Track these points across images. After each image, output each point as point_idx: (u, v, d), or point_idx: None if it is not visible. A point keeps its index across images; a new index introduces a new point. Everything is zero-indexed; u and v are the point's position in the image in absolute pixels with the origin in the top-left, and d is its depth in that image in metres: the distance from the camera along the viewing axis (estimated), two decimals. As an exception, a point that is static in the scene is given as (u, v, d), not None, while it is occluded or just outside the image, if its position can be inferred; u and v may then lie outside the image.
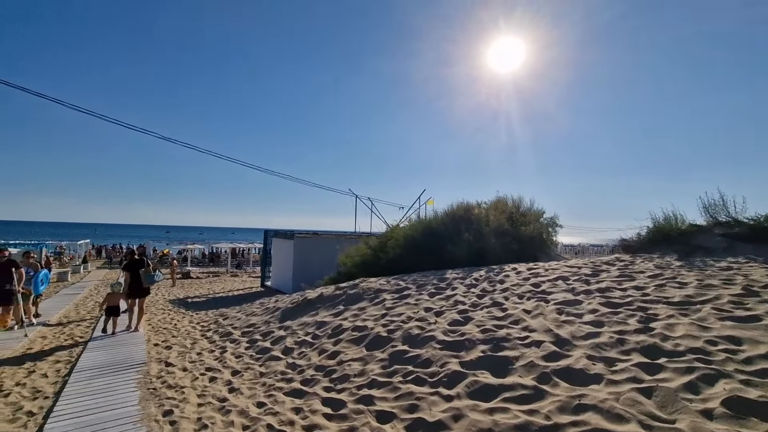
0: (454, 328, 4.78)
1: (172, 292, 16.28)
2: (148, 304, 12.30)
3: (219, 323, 8.07)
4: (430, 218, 10.28)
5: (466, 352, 4.17)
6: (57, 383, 4.75)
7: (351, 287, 7.39)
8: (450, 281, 6.84)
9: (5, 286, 7.34)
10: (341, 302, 6.82)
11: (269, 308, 8.01)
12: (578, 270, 6.55)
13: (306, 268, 15.82)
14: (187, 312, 10.83)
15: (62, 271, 22.12)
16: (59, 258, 31.85)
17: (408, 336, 4.79)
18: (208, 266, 32.99)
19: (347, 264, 11.59)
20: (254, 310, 8.48)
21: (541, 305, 5.04)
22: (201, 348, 6.22)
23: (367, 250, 10.31)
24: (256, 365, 5.01)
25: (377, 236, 12.46)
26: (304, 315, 6.75)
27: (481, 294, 5.91)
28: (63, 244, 36.80)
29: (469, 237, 9.05)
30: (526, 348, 3.98)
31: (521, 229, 9.54)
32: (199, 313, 10.36)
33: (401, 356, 4.35)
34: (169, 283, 19.40)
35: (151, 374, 4.91)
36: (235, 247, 33.67)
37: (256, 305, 9.25)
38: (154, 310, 11.22)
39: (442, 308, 5.56)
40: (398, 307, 5.95)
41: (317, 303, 7.12)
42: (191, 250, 34.23)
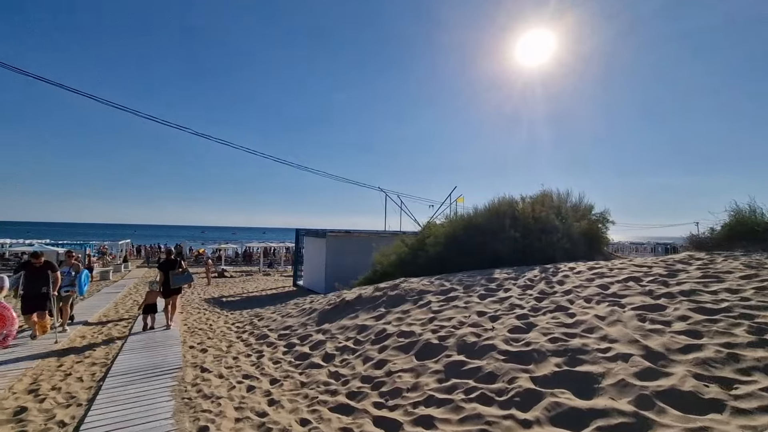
0: (517, 336, 4.22)
1: (207, 291, 16.41)
2: (184, 303, 12.36)
3: (254, 324, 7.81)
4: (471, 214, 9.65)
5: (536, 365, 3.60)
6: (91, 389, 4.56)
7: (391, 288, 6.92)
8: (500, 282, 6.24)
9: (42, 289, 7.03)
10: (382, 304, 6.36)
11: (305, 309, 7.67)
12: (649, 270, 5.79)
13: (339, 267, 15.52)
14: (222, 311, 10.72)
15: (104, 270, 22.96)
16: (102, 257, 33.30)
17: (463, 344, 4.26)
18: (241, 265, 33.55)
19: (383, 263, 11.15)
20: (289, 311, 8.17)
21: (617, 310, 4.38)
22: (237, 352, 5.93)
23: (405, 249, 9.82)
24: (296, 373, 4.62)
25: (414, 234, 11.97)
26: (342, 318, 6.34)
27: (540, 296, 5.29)
28: (106, 244, 38.52)
29: (514, 234, 8.39)
30: (610, 362, 3.37)
31: (573, 225, 8.76)
32: (234, 313, 10.20)
33: (459, 368, 3.83)
34: (204, 282, 19.65)
35: (186, 381, 4.63)
36: (266, 246, 34.04)
37: (290, 306, 8.96)
38: (189, 310, 11.19)
39: (497, 312, 4.99)
40: (446, 311, 5.42)
41: (356, 305, 6.69)
42: (225, 250, 34.92)
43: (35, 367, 5.39)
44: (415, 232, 19.10)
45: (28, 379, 4.92)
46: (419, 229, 19.17)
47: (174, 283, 8.46)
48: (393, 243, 15.93)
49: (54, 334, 7.11)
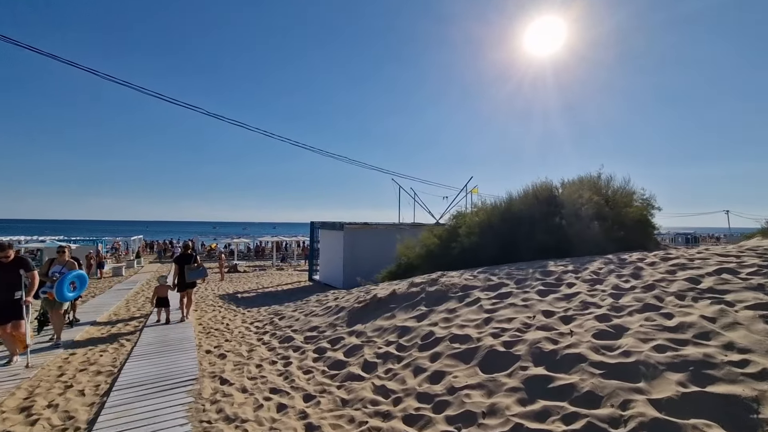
0: (606, 342, 3.41)
1: (221, 286, 15.85)
2: (198, 300, 11.77)
3: (275, 324, 7.12)
4: (509, 200, 8.80)
5: (649, 384, 2.80)
6: (93, 406, 3.89)
7: (429, 283, 6.14)
8: (559, 275, 5.42)
9: (14, 294, 5.26)
10: (421, 302, 5.59)
11: (330, 308, 6.94)
12: (739, 260, 4.92)
13: (357, 260, 14.81)
14: (238, 309, 10.08)
15: (117, 266, 22.64)
16: (115, 254, 33.17)
17: (539, 352, 3.47)
18: (254, 260, 33.12)
19: (408, 256, 10.38)
20: (313, 308, 7.45)
21: (728, 310, 3.54)
22: (260, 358, 5.23)
23: (434, 240, 9.02)
24: (333, 386, 3.89)
25: (438, 226, 11.16)
26: (377, 317, 5.58)
27: (617, 293, 4.46)
28: (118, 240, 38.44)
29: (561, 221, 7.53)
30: (759, 382, 2.55)
31: (625, 212, 7.87)
32: (251, 311, 9.55)
33: (543, 385, 3.05)
34: (218, 277, 19.13)
35: (203, 396, 3.94)
36: (279, 240, 33.52)
37: (313, 303, 8.25)
38: (204, 307, 10.59)
39: (567, 312, 4.19)
40: (502, 310, 4.63)
41: (390, 302, 5.93)
42: (237, 245, 34.53)
43: (33, 377, 4.75)
44: (431, 224, 18.32)
45: (23, 392, 4.28)
46: (434, 221, 18.31)
47: (189, 278, 8.49)
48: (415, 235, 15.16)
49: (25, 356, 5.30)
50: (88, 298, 12.35)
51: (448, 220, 10.60)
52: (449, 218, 10.72)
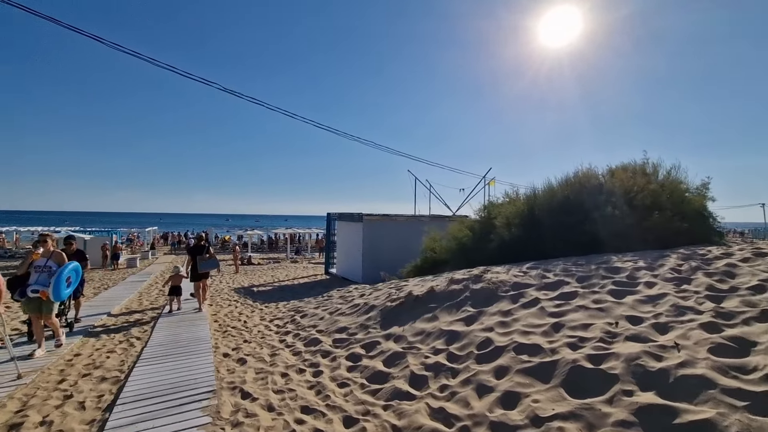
0: (733, 361, 2.66)
1: (236, 279, 15.38)
2: (213, 293, 11.28)
3: (297, 323, 6.51)
4: (548, 189, 7.99)
5: (825, 425, 2.05)
6: (93, 424, 3.29)
7: (473, 280, 5.43)
8: (630, 273, 4.65)
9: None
10: (466, 301, 4.89)
11: (358, 306, 6.28)
12: None
13: (377, 254, 14.15)
14: (255, 304, 9.52)
15: (132, 258, 22.43)
16: (130, 245, 33.16)
17: (642, 372, 2.75)
18: (268, 252, 32.79)
19: (435, 249, 9.67)
20: (337, 306, 6.82)
21: None
22: (285, 364, 4.60)
23: (466, 232, 8.28)
24: (378, 406, 3.22)
25: (461, 217, 10.41)
26: (415, 319, 4.90)
27: (715, 295, 3.69)
28: (134, 231, 38.50)
29: (614, 212, 6.72)
30: None
31: (686, 201, 7.01)
32: (269, 306, 8.98)
33: (664, 419, 2.32)
34: (232, 270, 18.70)
35: (222, 416, 3.30)
36: (293, 233, 33.07)
37: (336, 299, 7.61)
38: (219, 301, 10.06)
39: (659, 318, 3.44)
40: (570, 313, 3.90)
41: (430, 301, 5.25)
42: (250, 237, 34.23)
43: (29, 384, 4.21)
44: (457, 216, 17.52)
45: (16, 403, 3.72)
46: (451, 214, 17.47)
47: (201, 269, 8.51)
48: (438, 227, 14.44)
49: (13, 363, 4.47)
50: (100, 290, 11.96)
51: (477, 212, 9.81)
52: (478, 210, 9.93)
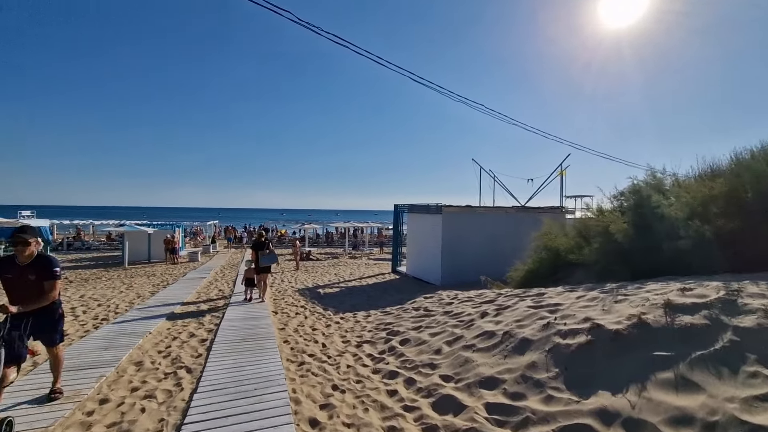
0: None
1: (298, 277, 13.97)
2: (276, 295, 9.82)
3: (399, 354, 4.60)
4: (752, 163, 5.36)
5: None
6: None
7: (721, 306, 3.13)
8: None
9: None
10: (745, 353, 2.63)
11: (496, 337, 4.19)
12: None
13: (458, 251, 12.00)
14: (326, 312, 7.81)
15: (193, 251, 22.13)
16: (194, 238, 33.72)
17: None
18: (324, 247, 31.79)
19: (559, 248, 7.35)
20: (453, 331, 4.79)
21: None
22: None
23: (621, 227, 5.86)
24: None
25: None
26: (631, 379, 2.73)
27: None
28: (197, 225, 39.43)
29: None
30: None
31: None
32: (345, 317, 7.21)
33: None
34: (293, 266, 17.46)
35: None
36: (352, 226, 31.71)
37: (441, 317, 5.60)
38: (284, 306, 8.50)
39: None
40: None
41: (646, 343, 3.03)
42: (306, 231, 33.45)
43: None
44: (539, 208, 14.88)
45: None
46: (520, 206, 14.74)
47: (261, 263, 8.98)
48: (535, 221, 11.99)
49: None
50: (159, 289, 10.98)
51: (614, 198, 7.33)
52: (613, 195, 7.43)
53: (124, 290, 10.86)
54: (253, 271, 9.06)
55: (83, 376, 4.15)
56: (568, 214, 14.06)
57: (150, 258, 20.42)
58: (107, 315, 7.47)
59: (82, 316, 7.45)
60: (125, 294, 10.13)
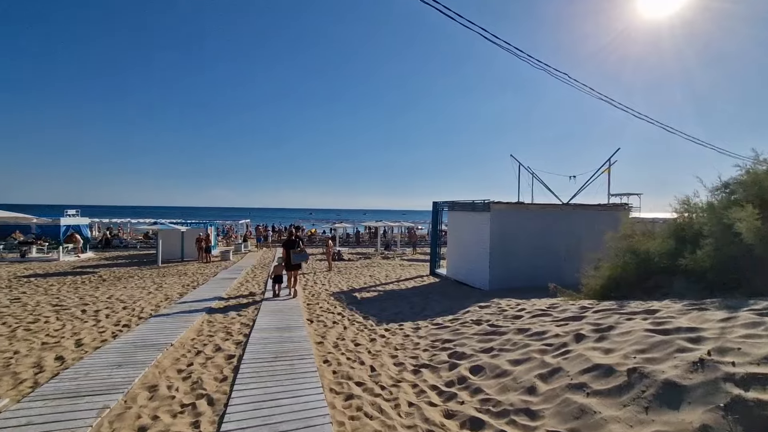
0: None
1: (332, 279, 13.13)
2: (310, 300, 8.99)
3: (475, 389, 3.56)
4: None
5: None
6: None
7: None
8: None
9: None
10: None
11: (620, 375, 3.07)
12: None
13: (508, 253, 10.77)
14: (368, 323, 6.86)
15: (225, 250, 21.87)
16: (227, 237, 33.85)
17: None
18: (355, 246, 31.05)
19: (648, 251, 6.06)
20: (550, 361, 3.69)
21: None
22: None
23: (755, 224, 4.54)
24: None
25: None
26: None
27: None
28: (229, 224, 39.72)
29: None
30: None
31: None
32: (391, 329, 6.23)
33: None
34: (325, 267, 16.70)
35: None
36: (384, 226, 30.76)
37: (514, 334, 4.49)
38: (319, 313, 7.63)
39: None
40: None
41: None
42: (336, 230, 32.84)
43: None
44: (598, 205, 13.32)
45: None
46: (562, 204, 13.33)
47: (293, 261, 9.34)
48: (591, 218, 10.68)
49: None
50: (188, 290, 10.41)
51: (717, 190, 5.98)
52: (716, 187, 6.06)
53: (153, 291, 10.35)
54: (281, 268, 9.40)
55: (83, 407, 3.35)
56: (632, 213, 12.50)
57: (183, 256, 20.26)
58: (129, 321, 6.82)
59: (103, 321, 6.83)
60: (153, 295, 9.58)
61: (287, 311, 7.63)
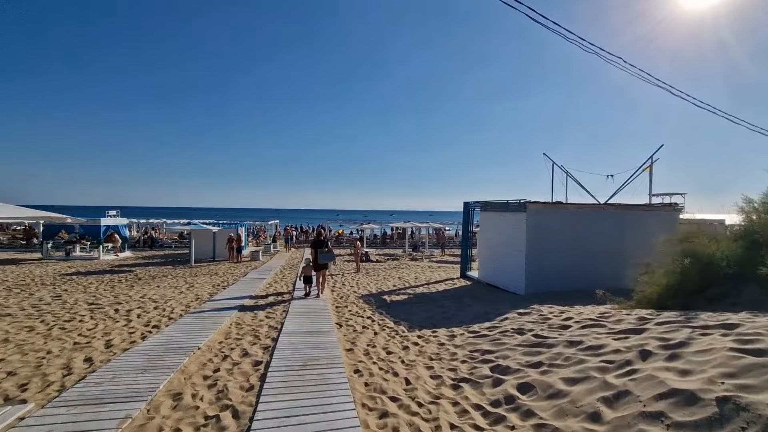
0: None
1: (360, 281, 12.88)
2: (339, 301, 8.76)
3: (522, 408, 3.15)
4: None
5: None
6: None
7: None
8: None
9: None
10: None
11: (707, 404, 2.60)
12: None
13: (545, 256, 10.17)
14: (399, 328, 6.52)
15: (255, 251, 22.12)
16: (256, 238, 34.41)
17: None
18: (382, 247, 30.79)
19: (713, 256, 5.43)
20: (614, 381, 3.23)
21: None
22: None
23: None
24: None
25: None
26: None
27: None
28: (259, 225, 40.42)
29: None
30: None
31: None
32: (424, 335, 5.87)
33: None
34: (353, 268, 16.51)
35: None
36: (412, 226, 30.34)
37: (565, 348, 4.03)
38: (348, 316, 7.38)
39: None
40: None
41: None
42: (364, 231, 32.69)
43: None
44: (639, 205, 12.41)
45: None
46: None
47: (320, 260, 9.59)
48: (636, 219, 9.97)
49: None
50: (218, 290, 10.43)
51: None
52: None
53: (184, 290, 10.44)
54: (310, 268, 9.64)
55: (105, 415, 3.20)
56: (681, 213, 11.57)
57: (215, 256, 20.63)
58: (159, 321, 6.79)
59: (134, 321, 6.84)
60: (184, 295, 9.64)
61: (315, 314, 7.42)
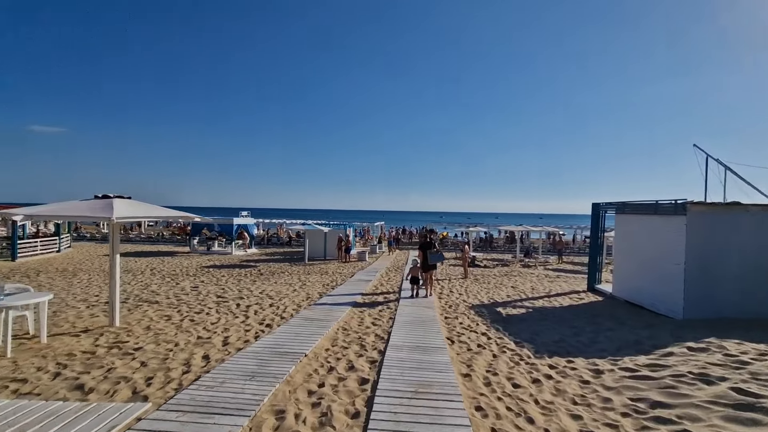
0: None
1: (469, 289, 11.92)
2: (448, 311, 8.00)
3: None
4: None
5: None
6: None
7: None
8: None
9: None
10: None
11: None
12: None
13: (714, 271, 7.94)
14: (521, 350, 5.52)
15: (362, 251, 22.68)
16: (363, 238, 35.65)
17: None
18: (488, 252, 29.01)
19: None
20: None
21: None
22: None
23: None
24: None
25: None
26: None
27: None
28: (366, 226, 41.91)
29: None
30: None
31: None
32: (556, 365, 4.79)
33: None
34: (460, 274, 15.57)
35: None
36: (523, 230, 27.98)
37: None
38: (459, 330, 6.62)
39: None
40: None
41: None
42: (470, 234, 31.27)
43: None
44: None
45: None
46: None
47: (430, 261, 9.85)
48: None
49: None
50: (328, 290, 10.60)
51: None
52: None
53: (297, 288, 10.87)
54: (417, 270, 9.84)
55: (209, 428, 3.01)
56: None
57: (325, 255, 21.72)
58: (272, 320, 6.94)
59: (252, 317, 7.13)
60: (297, 293, 9.98)
61: (423, 325, 6.82)
